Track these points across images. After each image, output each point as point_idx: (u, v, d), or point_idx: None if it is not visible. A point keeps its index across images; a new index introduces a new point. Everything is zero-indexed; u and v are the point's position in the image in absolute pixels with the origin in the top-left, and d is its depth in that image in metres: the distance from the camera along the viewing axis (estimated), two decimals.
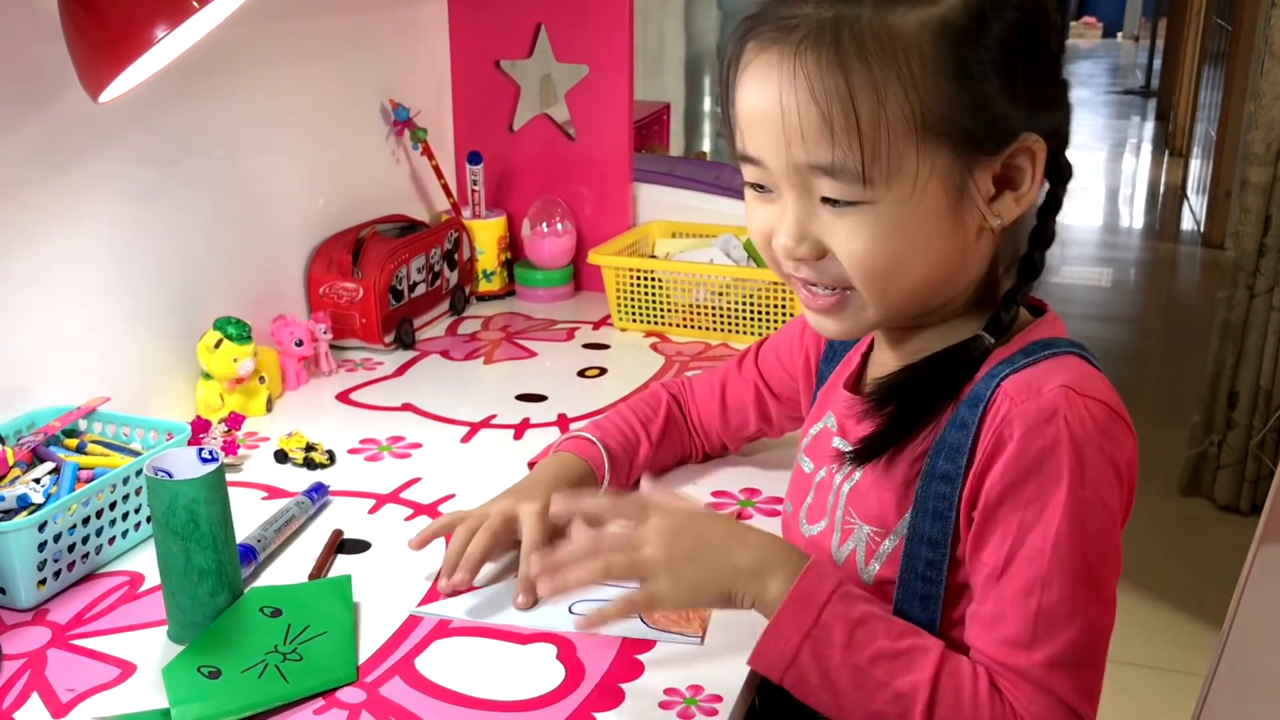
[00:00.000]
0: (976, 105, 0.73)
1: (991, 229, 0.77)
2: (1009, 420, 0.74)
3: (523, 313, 1.69)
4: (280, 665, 0.85)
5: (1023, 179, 0.77)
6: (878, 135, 0.73)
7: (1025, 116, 0.75)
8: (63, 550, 0.95)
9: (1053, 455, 0.73)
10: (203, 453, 0.90)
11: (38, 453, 1.04)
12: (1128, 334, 4.15)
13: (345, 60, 1.57)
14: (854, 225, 0.76)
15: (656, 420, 1.12)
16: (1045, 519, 0.73)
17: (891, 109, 0.72)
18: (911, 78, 0.72)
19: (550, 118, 1.75)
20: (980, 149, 0.75)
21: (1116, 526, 0.75)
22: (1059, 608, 0.73)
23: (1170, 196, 6.26)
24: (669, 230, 1.74)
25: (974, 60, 0.72)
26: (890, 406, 0.81)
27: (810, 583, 0.78)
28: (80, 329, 1.18)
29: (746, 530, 0.84)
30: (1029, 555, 0.73)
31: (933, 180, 0.74)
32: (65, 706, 0.82)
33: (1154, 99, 8.79)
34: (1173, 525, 2.77)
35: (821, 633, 0.76)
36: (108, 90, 0.93)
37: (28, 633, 0.91)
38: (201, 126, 1.32)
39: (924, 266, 0.77)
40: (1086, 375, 0.76)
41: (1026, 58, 0.74)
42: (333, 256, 1.49)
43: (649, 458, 1.10)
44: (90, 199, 1.18)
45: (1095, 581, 0.74)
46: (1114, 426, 0.75)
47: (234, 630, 0.89)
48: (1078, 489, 0.72)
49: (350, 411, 1.34)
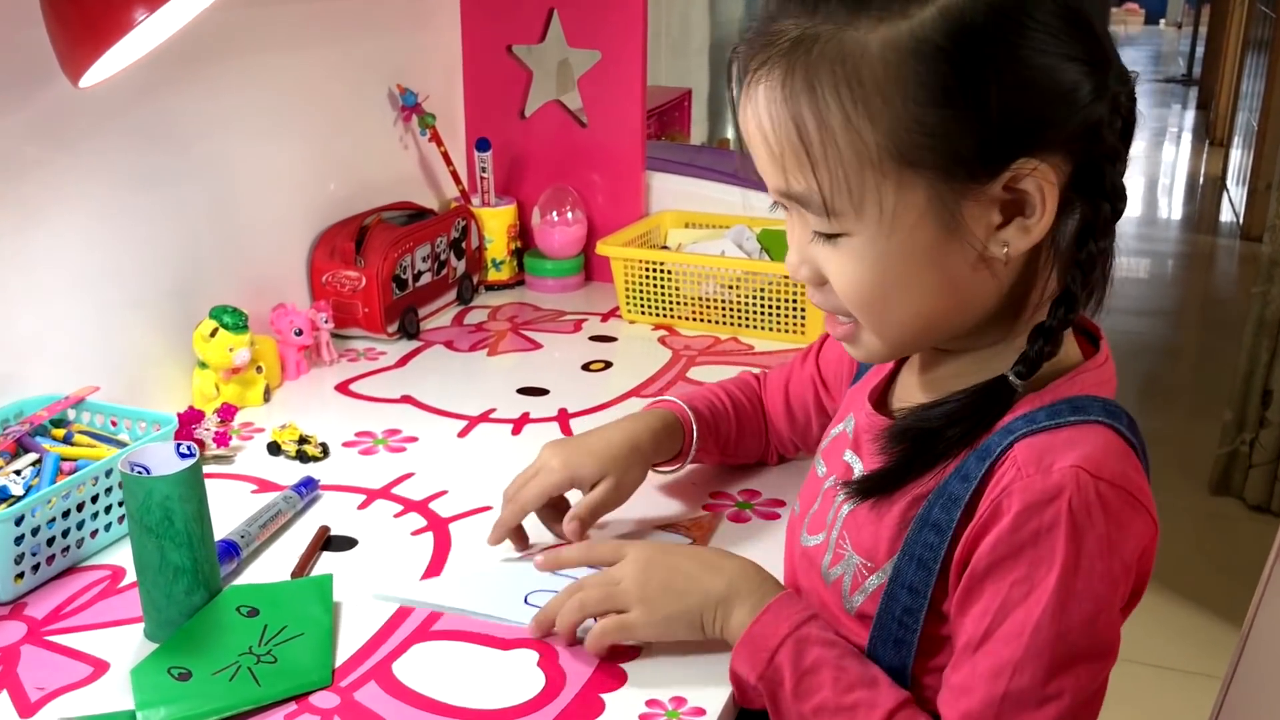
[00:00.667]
0: (957, 132, 0.66)
1: (1000, 259, 0.70)
2: (1009, 492, 0.69)
3: (531, 303, 1.66)
4: (253, 668, 0.83)
5: (1031, 206, 0.69)
6: (835, 167, 0.68)
7: (1020, 139, 0.67)
8: (41, 544, 0.93)
9: (1049, 537, 0.68)
10: (180, 448, 0.88)
11: (22, 443, 1.03)
12: (1163, 327, 4.07)
13: (353, 43, 1.54)
14: (840, 256, 0.72)
15: (747, 406, 1.10)
16: (1029, 602, 0.68)
17: (853, 139, 0.67)
18: (875, 105, 0.66)
19: (562, 104, 1.71)
20: (967, 177, 0.67)
21: (1111, 619, 0.70)
22: (1027, 694, 0.68)
23: (1210, 187, 6.15)
24: (682, 220, 1.70)
25: (951, 84, 0.65)
26: (902, 446, 0.75)
27: (766, 624, 0.79)
28: (73, 316, 1.16)
29: (721, 557, 0.85)
30: (1006, 636, 0.69)
31: (911, 210, 0.69)
32: (34, 705, 0.81)
33: (1195, 87, 8.64)
34: (1202, 524, 2.72)
35: (773, 674, 0.77)
36: (87, 75, 0.91)
37: (3, 627, 0.89)
38: (204, 111, 1.29)
39: (917, 300, 0.72)
40: (1110, 453, 0.70)
41: (1016, 75, 0.66)
42: (335, 244, 1.47)
43: (734, 438, 1.08)
44: (85, 184, 1.16)
45: (1074, 673, 0.68)
46: (1128, 515, 0.69)
47: (208, 630, 0.87)
48: (1069, 577, 0.67)
49: (348, 403, 1.32)
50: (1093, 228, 0.71)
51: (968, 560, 0.71)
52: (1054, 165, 0.68)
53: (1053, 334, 0.71)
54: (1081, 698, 0.69)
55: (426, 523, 1.05)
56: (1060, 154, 0.69)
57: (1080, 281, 0.71)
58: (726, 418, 1.08)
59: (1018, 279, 0.73)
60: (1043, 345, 0.71)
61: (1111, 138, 0.70)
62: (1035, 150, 0.67)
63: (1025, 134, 0.67)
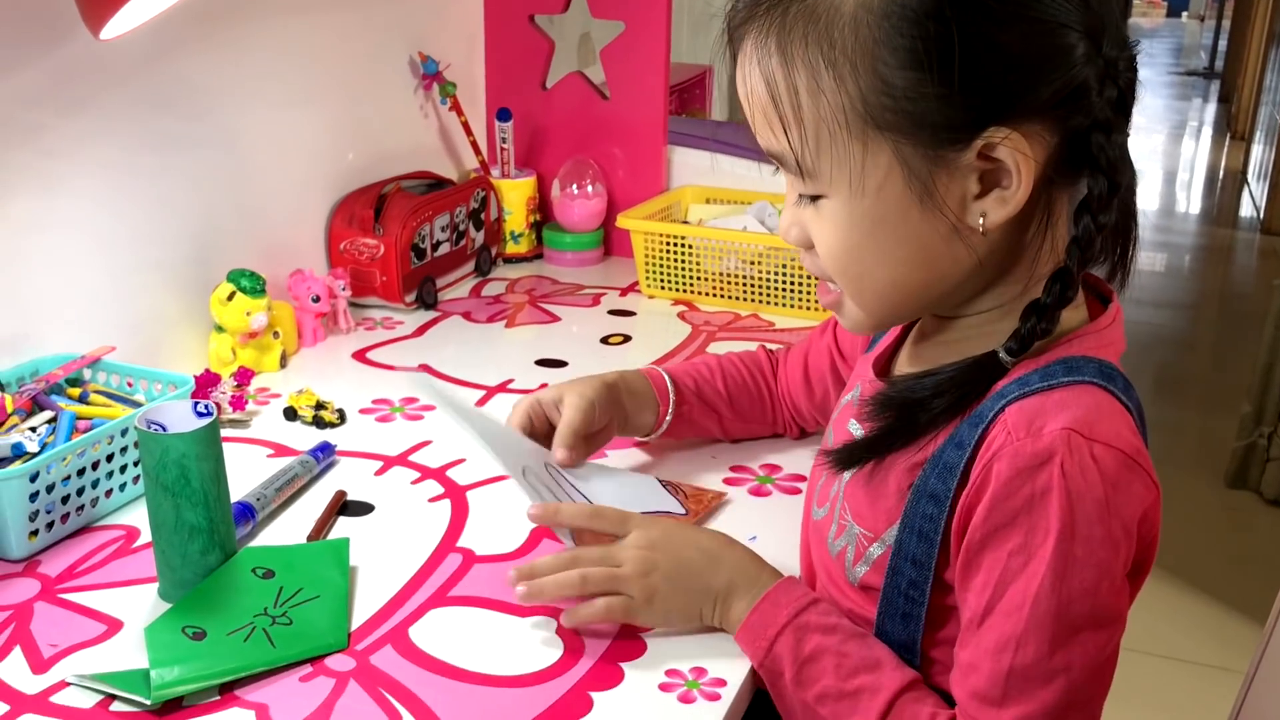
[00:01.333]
0: (924, 95, 0.65)
1: (977, 229, 0.69)
2: (999, 456, 0.67)
3: (550, 276, 1.65)
4: (268, 629, 0.82)
5: (1007, 176, 0.67)
6: (805, 126, 0.68)
7: (991, 107, 0.65)
8: (56, 501, 0.92)
9: (1043, 503, 0.66)
10: (198, 406, 0.87)
11: (38, 401, 1.02)
12: (1181, 321, 4.04)
13: (374, 9, 1.52)
14: (820, 219, 0.72)
15: (740, 374, 1.08)
16: (1028, 573, 0.67)
17: (819, 100, 0.67)
18: (844, 67, 0.66)
19: (585, 76, 1.70)
20: (937, 144, 0.66)
21: (1115, 585, 0.68)
22: (1033, 669, 0.67)
23: (1230, 181, 6.11)
24: (703, 196, 1.69)
25: (918, 47, 0.64)
26: (887, 415, 0.74)
27: (764, 613, 0.78)
28: (90, 277, 1.15)
29: (723, 548, 0.84)
30: (1007, 609, 0.67)
31: (881, 174, 0.68)
32: (46, 662, 0.80)
33: (1217, 81, 8.57)
34: (1218, 517, 2.70)
35: (773, 664, 0.76)
36: (108, 26, 0.89)
37: (16, 584, 0.89)
38: (224, 74, 1.28)
39: (890, 267, 0.71)
40: (1102, 414, 0.68)
41: (987, 41, 0.64)
42: (354, 212, 1.45)
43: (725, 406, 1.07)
44: (104, 147, 1.14)
45: (1079, 643, 0.67)
46: (1125, 476, 0.67)
47: (223, 590, 0.85)
48: (1067, 544, 0.66)
49: (365, 371, 1.31)
50: (1088, 202, 0.69)
51: (966, 529, 0.69)
52: (1032, 134, 0.67)
53: (1046, 311, 0.70)
54: (1090, 668, 0.67)
55: (444, 490, 1.03)
56: (1041, 123, 0.67)
57: (1078, 259, 0.69)
58: (711, 385, 1.07)
59: (1003, 252, 0.72)
60: (1036, 322, 0.70)
61: (1102, 106, 0.67)
62: (1009, 118, 0.66)
63: (996, 102, 0.66)
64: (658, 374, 1.05)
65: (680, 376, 1.06)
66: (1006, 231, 0.70)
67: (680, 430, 1.06)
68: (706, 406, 1.07)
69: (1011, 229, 0.71)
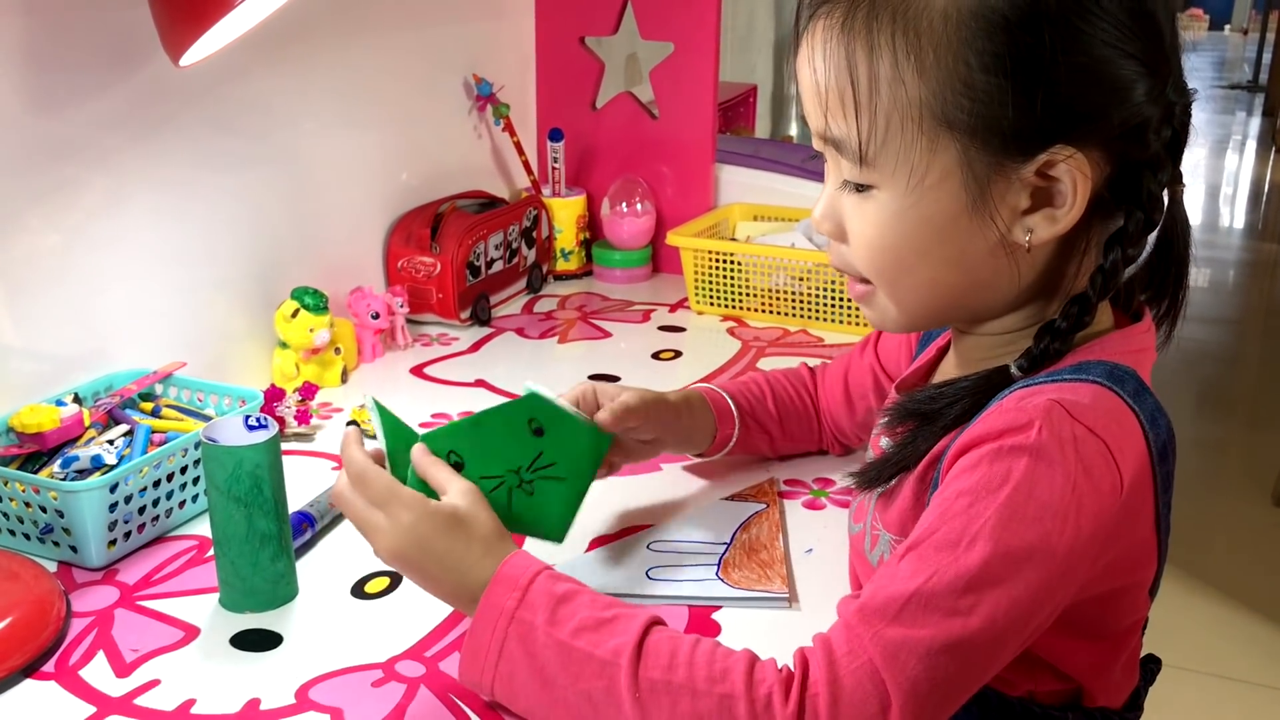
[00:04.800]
0: (1002, 102, 0.66)
1: (1023, 245, 0.70)
2: (984, 420, 0.68)
3: (599, 293, 1.67)
4: (513, 489, 0.83)
5: (1061, 196, 0.68)
6: (877, 114, 0.69)
7: (1061, 124, 0.67)
8: (133, 512, 0.96)
9: (1008, 457, 0.65)
10: (249, 420, 0.90)
11: (113, 415, 1.05)
12: (1225, 336, 4.01)
13: (430, 33, 1.56)
14: (864, 210, 0.73)
15: (788, 393, 1.09)
16: (971, 513, 0.65)
17: (897, 90, 0.68)
18: (928, 60, 0.67)
19: (634, 96, 1.72)
20: (1004, 152, 0.67)
21: (1048, 563, 0.64)
22: (937, 599, 0.64)
23: (1275, 195, 6.06)
24: (751, 213, 1.71)
25: (1005, 53, 0.65)
26: (906, 427, 0.75)
27: (515, 565, 0.75)
28: (160, 294, 1.19)
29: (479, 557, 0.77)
30: (938, 543, 0.65)
31: (941, 173, 0.69)
32: (129, 666, 0.83)
33: (1261, 94, 8.49)
34: (1265, 535, 2.68)
35: (526, 612, 0.72)
36: (189, 54, 0.93)
37: (97, 592, 0.92)
38: (285, 96, 1.32)
39: (931, 268, 0.72)
40: (1096, 405, 0.68)
41: (1070, 60, 0.65)
42: (412, 230, 1.49)
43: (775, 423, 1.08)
44: (174, 166, 1.18)
45: (993, 596, 0.64)
46: (1098, 466, 0.66)
47: (497, 430, 0.84)
48: (1021, 499, 0.64)
49: (424, 385, 1.34)
50: (1122, 234, 0.70)
51: None
52: (1092, 159, 0.68)
53: (1060, 334, 0.70)
54: (993, 626, 0.64)
55: None
56: (1101, 150, 0.68)
57: (1100, 287, 0.70)
58: (764, 405, 1.08)
59: (1041, 273, 0.73)
60: (1049, 343, 0.71)
61: (1157, 145, 0.69)
62: (1074, 139, 0.67)
63: (1067, 120, 0.67)
64: (719, 395, 1.06)
65: (736, 397, 1.07)
66: (1049, 253, 0.72)
67: (734, 450, 1.08)
68: (760, 427, 1.08)
69: (1054, 251, 0.72)
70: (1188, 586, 2.40)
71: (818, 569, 0.94)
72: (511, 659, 0.72)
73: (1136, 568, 0.74)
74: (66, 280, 1.08)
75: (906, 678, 0.63)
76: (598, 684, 0.69)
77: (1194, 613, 2.32)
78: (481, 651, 0.73)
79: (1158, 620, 2.16)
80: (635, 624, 0.70)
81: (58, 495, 0.92)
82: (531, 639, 0.72)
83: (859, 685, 0.64)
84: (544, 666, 0.71)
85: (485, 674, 0.73)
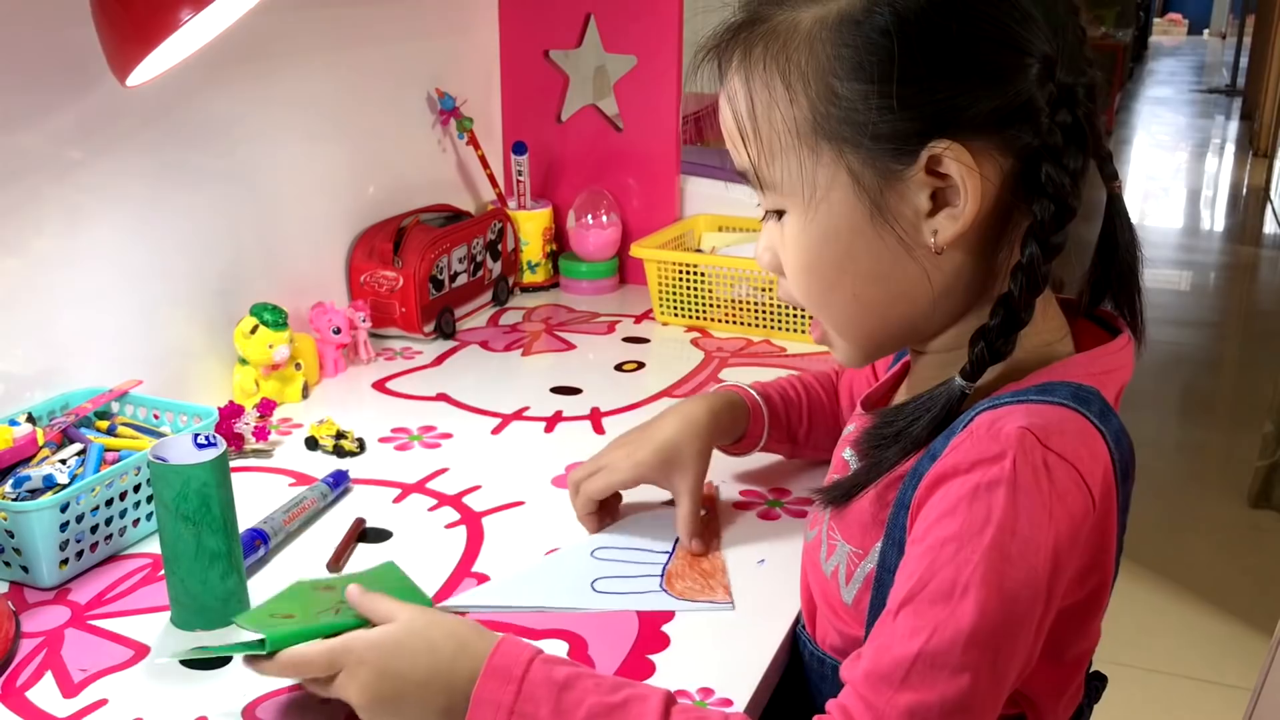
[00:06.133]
0: (866, 106, 0.67)
1: (934, 249, 0.70)
2: (956, 449, 0.68)
3: (566, 305, 1.68)
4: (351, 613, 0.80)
5: (957, 195, 0.68)
6: (762, 138, 0.71)
7: (935, 120, 0.67)
8: (85, 531, 0.96)
9: (987, 495, 0.65)
10: (198, 439, 0.90)
11: (68, 434, 1.05)
12: (1205, 339, 4.03)
13: (393, 47, 1.56)
14: (786, 235, 0.75)
15: (820, 394, 1.09)
16: (958, 561, 0.64)
17: (774, 112, 0.70)
18: (797, 79, 0.69)
19: (599, 109, 1.73)
20: (885, 155, 0.68)
21: (1037, 598, 0.65)
22: (942, 657, 0.64)
23: (1253, 199, 6.08)
24: (716, 224, 1.71)
25: (862, 59, 0.67)
26: (874, 446, 0.75)
27: (505, 653, 0.72)
28: (117, 312, 1.19)
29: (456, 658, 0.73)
30: (931, 596, 0.65)
31: (833, 186, 0.70)
32: (77, 686, 0.82)
33: (1239, 98, 8.55)
34: (1240, 537, 2.69)
35: (526, 705, 0.69)
36: (135, 74, 0.93)
37: (48, 611, 0.92)
38: (245, 112, 1.32)
39: (851, 284, 0.73)
40: (1065, 429, 0.67)
41: (933, 55, 0.66)
42: (374, 245, 1.49)
43: (805, 428, 1.08)
44: (131, 182, 1.18)
45: (994, 645, 0.64)
46: (1070, 489, 0.66)
47: (293, 597, 0.84)
48: (1005, 539, 0.64)
49: (385, 400, 1.34)
50: (1034, 228, 0.69)
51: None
52: (979, 151, 0.67)
53: (992, 335, 0.69)
54: (998, 673, 0.65)
55: (460, 516, 1.06)
56: (988, 139, 0.68)
57: (1024, 285, 0.68)
58: (798, 407, 1.08)
59: (968, 279, 0.72)
60: (985, 348, 0.69)
61: (1051, 129, 0.67)
62: (950, 132, 0.67)
63: (937, 114, 0.67)
64: (755, 403, 1.06)
65: (773, 399, 1.07)
66: (968, 256, 0.71)
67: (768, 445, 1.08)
68: (789, 431, 1.08)
69: (973, 255, 0.71)
70: (1164, 588, 2.41)
71: (767, 576, 0.95)
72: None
73: (1095, 585, 0.74)
74: (21, 299, 1.08)
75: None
76: None
77: (1169, 614, 2.33)
78: None
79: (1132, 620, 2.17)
80: (652, 707, 0.69)
81: (7, 516, 0.92)
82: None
83: None
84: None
85: None
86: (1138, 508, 0.76)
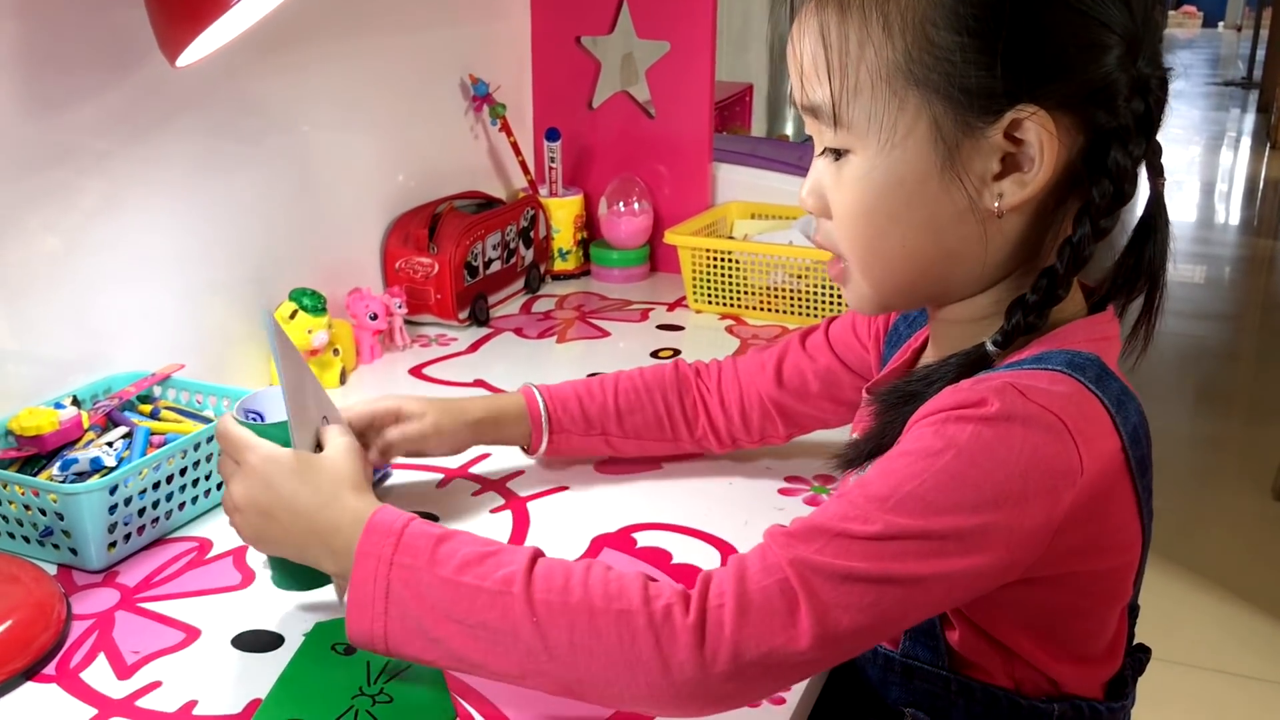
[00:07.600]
0: (964, 59, 0.67)
1: (995, 212, 0.70)
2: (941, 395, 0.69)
3: (598, 292, 1.67)
4: (370, 709, 0.77)
5: (1029, 160, 0.69)
6: (848, 73, 0.71)
7: (1026, 83, 0.67)
8: (133, 514, 0.95)
9: (956, 425, 0.66)
10: (245, 405, 0.89)
11: (112, 417, 1.05)
12: (1223, 332, 4.01)
13: (426, 34, 1.56)
14: (842, 177, 0.74)
15: (637, 392, 1.07)
16: (913, 470, 0.65)
17: (867, 50, 0.70)
18: (895, 21, 0.69)
19: (630, 95, 1.72)
20: (970, 110, 0.69)
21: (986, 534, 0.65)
22: (863, 544, 0.64)
23: (1270, 191, 6.06)
24: (748, 211, 1.71)
25: (970, 10, 0.67)
26: (890, 410, 0.76)
27: (385, 514, 0.75)
28: (158, 296, 1.19)
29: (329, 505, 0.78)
30: (871, 494, 0.66)
31: (911, 132, 0.70)
32: (130, 668, 0.82)
33: (1255, 91, 8.51)
34: (1263, 530, 2.68)
35: (405, 556, 0.71)
36: (185, 54, 0.93)
37: (97, 594, 0.92)
38: (281, 98, 1.32)
39: (903, 233, 0.73)
40: (1054, 388, 0.68)
41: (1036, 19, 0.67)
42: (409, 231, 1.49)
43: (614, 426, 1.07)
44: (171, 168, 1.18)
45: (913, 554, 0.64)
46: (1047, 441, 0.66)
47: (311, 677, 0.81)
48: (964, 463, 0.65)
49: (423, 386, 1.33)
50: (1088, 207, 0.70)
51: None
52: (1061, 123, 0.69)
53: (1031, 308, 0.71)
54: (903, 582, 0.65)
55: (504, 500, 1.06)
56: (1070, 115, 0.69)
57: (1069, 259, 0.70)
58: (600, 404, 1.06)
59: (1013, 248, 0.73)
60: (1021, 318, 0.71)
61: (1127, 115, 0.69)
62: (1039, 98, 0.68)
63: (1031, 78, 0.68)
64: (534, 399, 1.06)
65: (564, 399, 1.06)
66: (1020, 223, 0.72)
67: (562, 449, 1.07)
68: (590, 426, 1.06)
69: (1025, 223, 0.72)
70: (1187, 581, 2.41)
71: None
72: (400, 604, 0.71)
73: (1117, 553, 0.74)
74: (65, 283, 1.08)
75: (819, 598, 0.64)
76: (491, 614, 0.69)
77: (1193, 607, 2.32)
78: (367, 604, 0.71)
79: (1156, 614, 2.16)
80: (521, 554, 0.71)
81: (57, 498, 0.91)
82: (416, 581, 0.71)
83: (769, 598, 0.65)
84: (434, 607, 0.70)
85: (375, 624, 0.71)
86: (1158, 500, 0.75)
